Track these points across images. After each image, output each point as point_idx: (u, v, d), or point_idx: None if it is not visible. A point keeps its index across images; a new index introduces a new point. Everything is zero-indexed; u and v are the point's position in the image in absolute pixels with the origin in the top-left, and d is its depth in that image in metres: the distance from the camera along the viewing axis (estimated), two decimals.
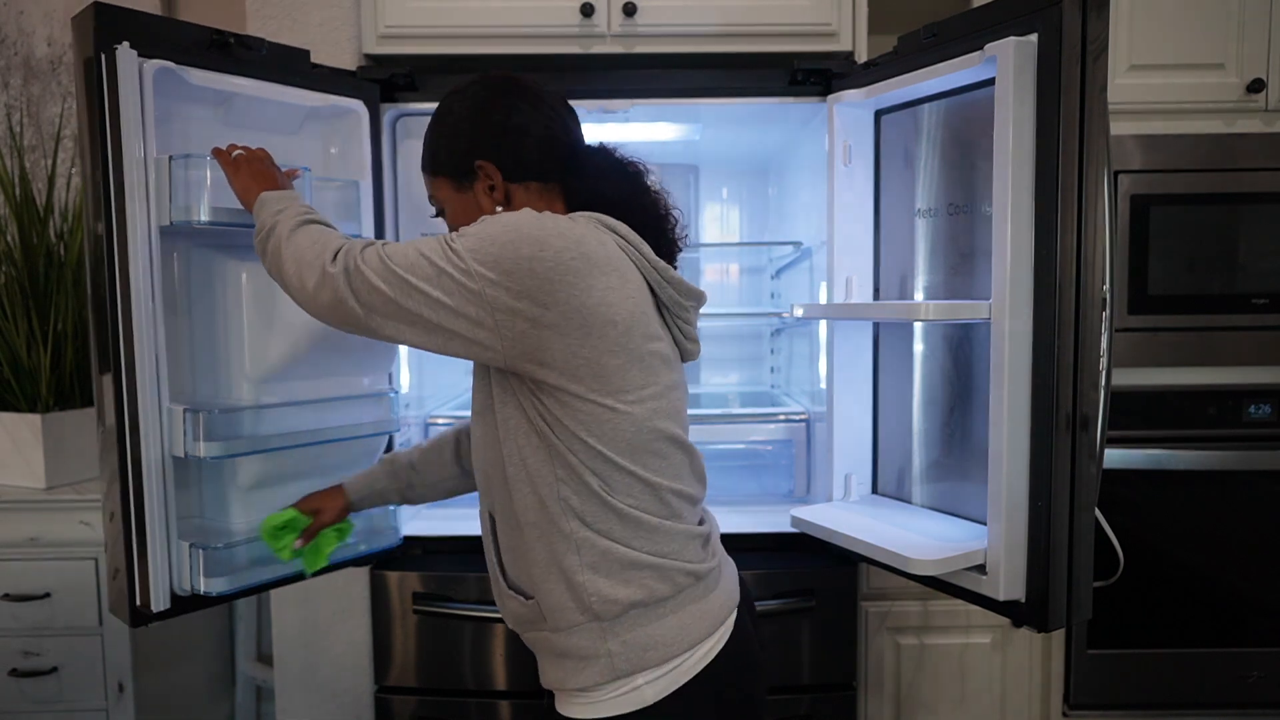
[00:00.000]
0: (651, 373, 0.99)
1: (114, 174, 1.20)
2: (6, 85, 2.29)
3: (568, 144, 1.10)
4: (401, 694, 1.68)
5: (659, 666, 0.96)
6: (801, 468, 1.89)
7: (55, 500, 1.83)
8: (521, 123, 1.06)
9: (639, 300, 0.98)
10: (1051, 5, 1.17)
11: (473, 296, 0.91)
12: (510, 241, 0.91)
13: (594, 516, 0.97)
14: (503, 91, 1.08)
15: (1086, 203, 1.18)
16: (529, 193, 1.08)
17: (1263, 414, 1.89)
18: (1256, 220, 1.85)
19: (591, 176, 1.07)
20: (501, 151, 1.06)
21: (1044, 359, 1.22)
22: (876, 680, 1.84)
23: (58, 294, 1.92)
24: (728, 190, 2.39)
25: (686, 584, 1.00)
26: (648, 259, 1.01)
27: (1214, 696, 1.91)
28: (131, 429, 1.22)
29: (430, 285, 0.92)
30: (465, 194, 1.09)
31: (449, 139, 1.09)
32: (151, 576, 1.24)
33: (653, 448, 0.99)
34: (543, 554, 0.99)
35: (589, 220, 1.00)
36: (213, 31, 1.33)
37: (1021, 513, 1.25)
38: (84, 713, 1.86)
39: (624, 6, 1.72)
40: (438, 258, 0.93)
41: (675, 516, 1.02)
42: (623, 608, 0.96)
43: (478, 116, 1.07)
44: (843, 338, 1.66)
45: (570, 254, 0.92)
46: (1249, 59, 1.83)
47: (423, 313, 0.93)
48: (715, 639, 1.00)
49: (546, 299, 0.91)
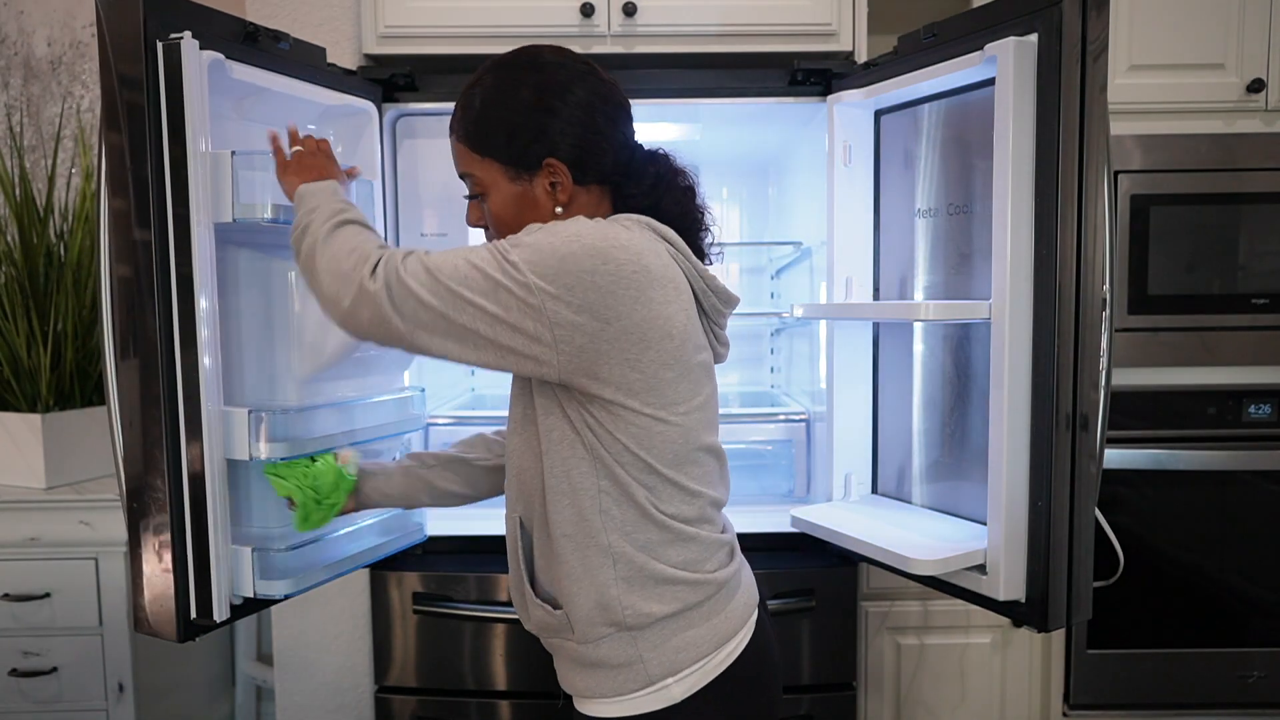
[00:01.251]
0: (698, 384, 0.98)
1: (173, 172, 1.14)
2: (6, 85, 2.29)
3: (633, 147, 1.04)
4: (401, 694, 1.68)
5: (688, 667, 0.96)
6: (801, 468, 1.89)
7: (55, 500, 1.83)
8: (605, 126, 0.99)
9: (690, 311, 0.97)
10: (1051, 5, 1.17)
11: (531, 311, 0.87)
12: (572, 254, 0.87)
13: (634, 528, 0.96)
14: (587, 82, 0.99)
15: (1086, 203, 1.18)
16: (589, 195, 1.02)
17: (1263, 414, 1.89)
18: (1256, 220, 1.85)
19: (649, 184, 1.02)
20: (583, 154, 0.98)
21: (1044, 359, 1.22)
22: (876, 680, 1.84)
23: (58, 294, 1.92)
24: (728, 190, 2.39)
25: (715, 591, 1.00)
26: (695, 268, 0.99)
27: (1214, 696, 1.91)
28: (192, 433, 1.17)
29: (486, 299, 0.87)
30: (520, 185, 1.00)
31: (514, 121, 0.98)
32: (215, 585, 1.19)
33: (694, 457, 0.99)
34: (577, 566, 0.97)
35: (642, 227, 0.96)
36: (245, 23, 1.27)
37: (1021, 513, 1.25)
38: (84, 713, 1.86)
39: (624, 6, 1.72)
40: (493, 269, 0.87)
41: (709, 524, 1.02)
42: (655, 619, 0.96)
43: (562, 108, 0.98)
44: (843, 338, 1.66)
45: (631, 266, 0.88)
46: (1249, 59, 1.83)
47: (477, 328, 0.88)
48: (740, 637, 1.01)
49: (608, 313, 0.88)
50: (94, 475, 1.98)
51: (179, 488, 1.17)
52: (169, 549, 1.17)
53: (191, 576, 1.18)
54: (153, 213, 1.13)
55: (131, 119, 1.12)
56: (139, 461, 1.17)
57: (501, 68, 1.01)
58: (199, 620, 1.20)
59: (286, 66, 1.35)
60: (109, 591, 1.84)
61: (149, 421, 1.16)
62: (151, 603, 1.19)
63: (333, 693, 1.80)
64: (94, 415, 1.98)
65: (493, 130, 0.99)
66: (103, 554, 1.84)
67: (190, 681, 2.12)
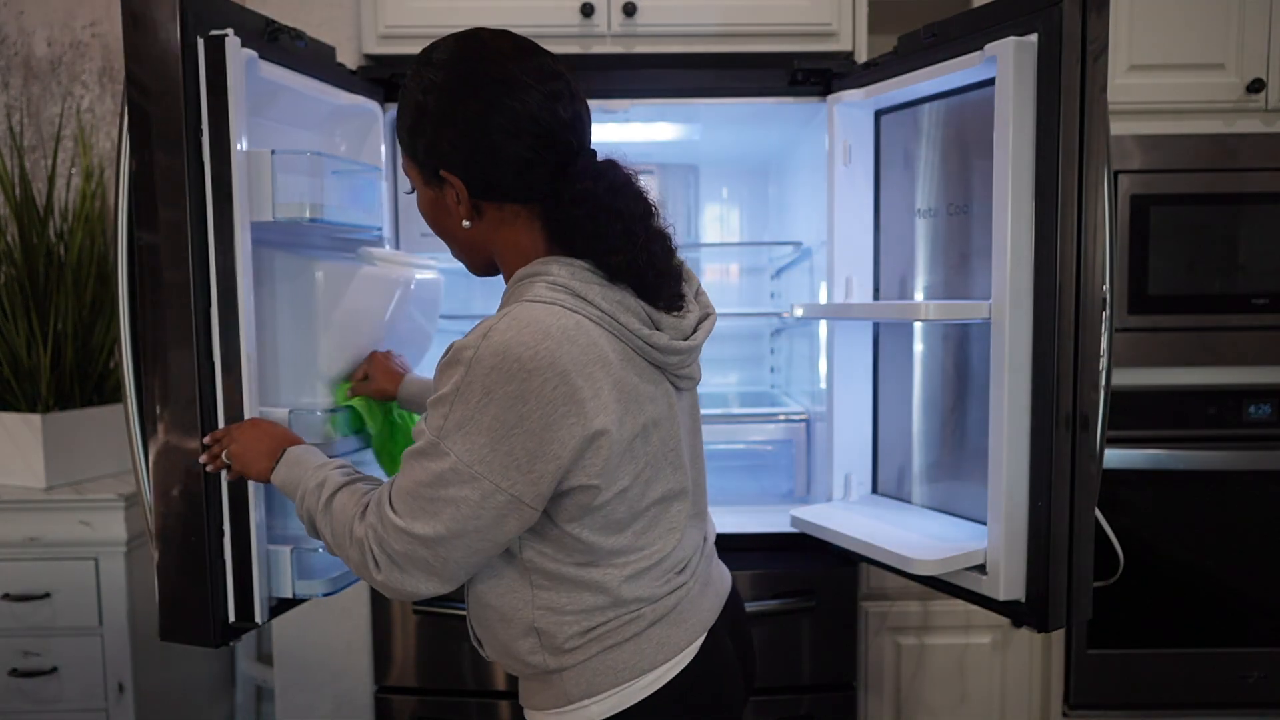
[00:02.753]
0: (643, 447, 0.91)
1: (214, 171, 1.12)
2: (6, 85, 2.29)
3: (555, 163, 0.91)
4: (401, 694, 1.68)
5: (607, 690, 0.94)
6: (801, 468, 1.89)
7: (55, 500, 1.83)
8: (496, 140, 0.89)
9: (622, 383, 0.88)
10: (1051, 5, 1.17)
11: (498, 497, 0.85)
12: (495, 418, 0.82)
13: (566, 597, 0.93)
14: (485, 84, 0.89)
15: (1086, 203, 1.18)
16: (503, 213, 0.94)
17: (1263, 414, 1.89)
18: (1256, 220, 1.85)
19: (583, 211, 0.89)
20: (470, 170, 0.91)
21: (1044, 359, 1.22)
22: (876, 680, 1.84)
23: (58, 294, 1.92)
24: (728, 190, 2.39)
25: (644, 627, 0.95)
26: (629, 329, 0.89)
27: (1214, 696, 1.91)
28: None
29: (468, 523, 0.85)
30: (432, 189, 0.96)
31: (414, 124, 0.94)
32: (256, 586, 1.18)
33: (642, 516, 0.94)
34: (504, 633, 0.96)
35: (556, 299, 0.87)
36: (269, 20, 1.26)
37: (1021, 513, 1.25)
38: (84, 713, 1.86)
39: (624, 6, 1.72)
40: (442, 488, 0.85)
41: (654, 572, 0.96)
42: (578, 658, 0.94)
43: (445, 115, 0.90)
44: (843, 338, 1.66)
45: (552, 384, 0.82)
46: (1249, 59, 1.83)
47: (482, 546, 0.88)
48: (673, 664, 0.96)
49: (555, 447, 0.84)
50: (94, 475, 1.98)
51: (218, 490, 1.16)
52: (205, 552, 1.15)
53: (230, 579, 1.18)
54: (189, 211, 1.11)
55: (165, 117, 1.10)
56: (168, 463, 1.15)
57: (422, 59, 0.95)
58: (238, 623, 1.19)
59: (304, 65, 1.34)
60: (109, 591, 1.84)
61: (183, 423, 1.14)
62: (180, 608, 1.17)
63: (333, 693, 1.80)
64: (94, 415, 1.98)
65: (402, 127, 0.96)
66: (103, 554, 1.84)
67: (190, 681, 2.12)
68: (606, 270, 0.90)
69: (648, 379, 0.91)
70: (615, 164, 0.94)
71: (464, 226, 0.95)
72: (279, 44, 1.27)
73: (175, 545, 1.16)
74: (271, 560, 1.22)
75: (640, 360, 0.91)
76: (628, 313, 0.89)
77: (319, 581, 1.25)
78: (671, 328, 0.94)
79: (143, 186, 1.12)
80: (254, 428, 1.12)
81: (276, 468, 1.06)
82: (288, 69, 1.29)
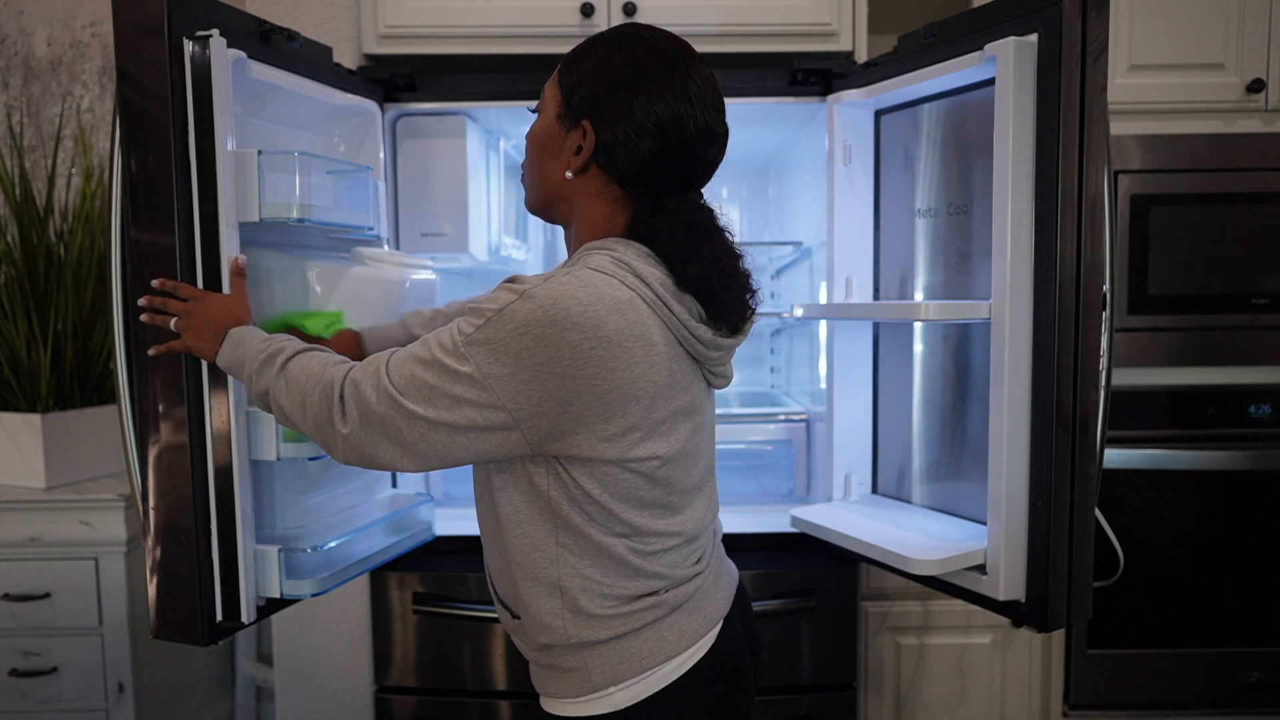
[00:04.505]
0: (674, 429, 0.95)
1: (200, 171, 1.13)
2: (6, 85, 2.29)
3: (673, 179, 0.96)
4: (401, 694, 1.68)
5: (633, 677, 0.96)
6: (801, 468, 1.89)
7: (55, 500, 1.83)
8: (649, 130, 0.93)
9: (663, 365, 0.92)
10: (1051, 5, 1.17)
11: (495, 412, 0.88)
12: (525, 349, 0.85)
13: (589, 567, 0.95)
14: (674, 87, 0.94)
15: (1086, 203, 1.18)
16: (606, 187, 0.97)
17: (1263, 414, 1.89)
18: (1256, 220, 1.85)
19: (674, 221, 0.95)
20: (609, 134, 0.95)
21: (1044, 359, 1.22)
22: (876, 680, 1.84)
23: (58, 294, 1.92)
24: (728, 190, 2.39)
25: (666, 612, 0.98)
26: (678, 318, 0.93)
27: (1214, 696, 1.91)
28: (219, 433, 1.16)
29: (450, 412, 0.88)
30: (561, 125, 0.98)
31: (590, 73, 0.97)
32: (242, 586, 1.19)
33: (662, 497, 0.97)
34: (526, 593, 0.98)
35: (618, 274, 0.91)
36: (260, 21, 1.26)
37: (1021, 513, 1.25)
38: (84, 713, 1.86)
39: (624, 7, 1.72)
40: (449, 383, 0.88)
41: (673, 553, 1.00)
42: (600, 641, 0.97)
43: (625, 83, 0.94)
44: (843, 338, 1.66)
45: (589, 343, 0.86)
46: (1249, 59, 1.83)
47: (458, 447, 0.90)
48: (693, 651, 0.99)
49: (569, 394, 0.87)
50: (94, 475, 1.98)
51: (205, 489, 1.16)
52: (193, 551, 1.15)
53: (218, 579, 1.18)
54: (177, 212, 1.12)
55: (154, 117, 1.11)
56: (159, 463, 1.16)
57: (633, 31, 0.99)
58: (225, 623, 1.19)
59: (298, 66, 1.34)
60: (109, 591, 1.84)
61: (173, 422, 1.15)
62: (171, 607, 1.17)
63: (333, 692, 1.80)
64: (94, 415, 1.98)
65: (578, 67, 0.98)
66: (103, 554, 1.84)
67: (190, 681, 2.12)
68: (677, 277, 0.93)
69: (686, 369, 0.96)
70: (713, 211, 1.00)
71: (564, 175, 0.98)
72: (271, 44, 1.27)
73: (166, 544, 1.17)
74: (259, 560, 1.23)
75: (681, 349, 0.95)
76: (680, 304, 0.93)
77: (307, 582, 1.25)
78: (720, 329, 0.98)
79: (134, 187, 1.13)
80: (203, 310, 1.12)
81: (221, 349, 1.09)
82: (280, 69, 1.29)
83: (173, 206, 1.12)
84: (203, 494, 1.16)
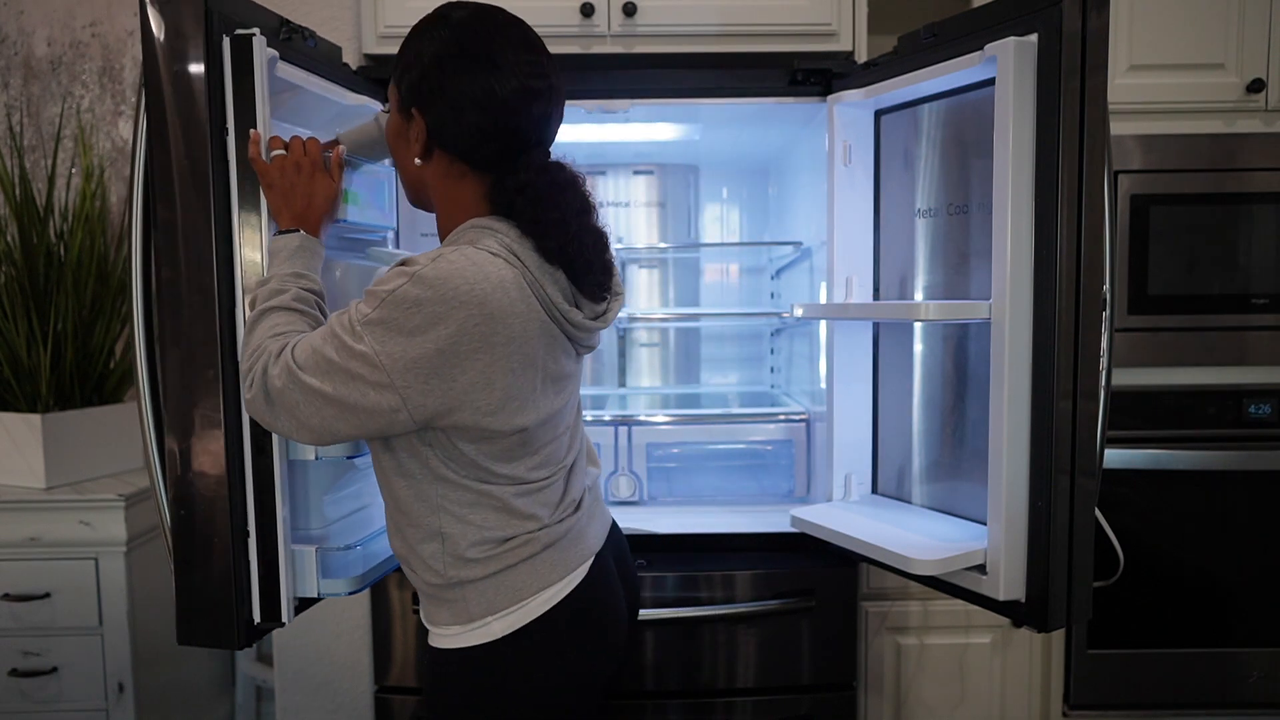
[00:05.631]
0: (543, 402, 1.03)
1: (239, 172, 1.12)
2: (6, 85, 2.29)
3: (507, 146, 1.02)
4: (401, 694, 1.68)
5: (507, 608, 1.04)
6: (801, 468, 1.89)
7: (55, 500, 1.83)
8: (465, 104, 0.99)
9: (539, 340, 1.00)
10: (1051, 5, 1.17)
11: (385, 390, 0.94)
12: (416, 327, 0.92)
13: (468, 509, 1.03)
14: (477, 56, 1.00)
15: (1086, 203, 1.18)
16: (452, 167, 1.04)
17: (1263, 414, 1.89)
18: (1256, 220, 1.85)
19: (523, 197, 1.01)
20: (434, 118, 1.02)
21: (1044, 359, 1.22)
22: (876, 680, 1.84)
23: (58, 294, 1.92)
24: (728, 190, 2.39)
25: (539, 549, 1.05)
26: (551, 300, 1.00)
27: (1214, 696, 1.91)
28: (262, 435, 1.15)
29: (344, 387, 0.95)
30: (401, 121, 1.07)
31: (408, 62, 1.04)
32: (283, 587, 1.18)
33: (531, 452, 1.05)
34: (410, 535, 1.06)
35: (502, 254, 0.98)
36: (283, 19, 1.25)
37: (1021, 513, 1.25)
38: (84, 713, 1.86)
39: (624, 6, 1.72)
40: (346, 360, 0.94)
41: (544, 490, 1.07)
42: (480, 577, 1.04)
43: (434, 66, 1.01)
44: (843, 338, 1.66)
45: (474, 319, 0.93)
46: (1249, 59, 1.83)
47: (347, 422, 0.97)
48: (564, 583, 1.07)
49: (455, 370, 0.94)
50: (94, 475, 1.98)
51: (242, 490, 1.15)
52: (229, 554, 1.14)
53: (256, 580, 1.17)
54: (214, 212, 1.11)
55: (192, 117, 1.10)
56: (193, 465, 1.14)
57: (441, 13, 1.05)
58: (263, 624, 1.19)
59: (316, 65, 1.34)
60: (109, 591, 1.84)
61: (209, 423, 1.13)
62: (199, 610, 1.16)
63: (333, 693, 1.80)
64: (94, 415, 1.99)
65: (401, 60, 1.06)
66: (103, 554, 1.84)
67: (190, 681, 2.12)
68: (542, 252, 1.01)
69: (558, 342, 1.04)
70: (562, 165, 1.06)
71: (415, 163, 1.06)
72: (292, 44, 1.26)
73: (195, 547, 1.15)
74: (296, 559, 1.22)
75: (553, 325, 1.02)
76: (554, 285, 1.01)
77: (343, 580, 1.26)
78: (589, 308, 1.07)
79: (165, 188, 1.11)
80: (308, 185, 1.15)
81: (283, 235, 1.14)
82: (301, 69, 1.28)
83: (210, 209, 1.10)
84: (240, 495, 1.15)
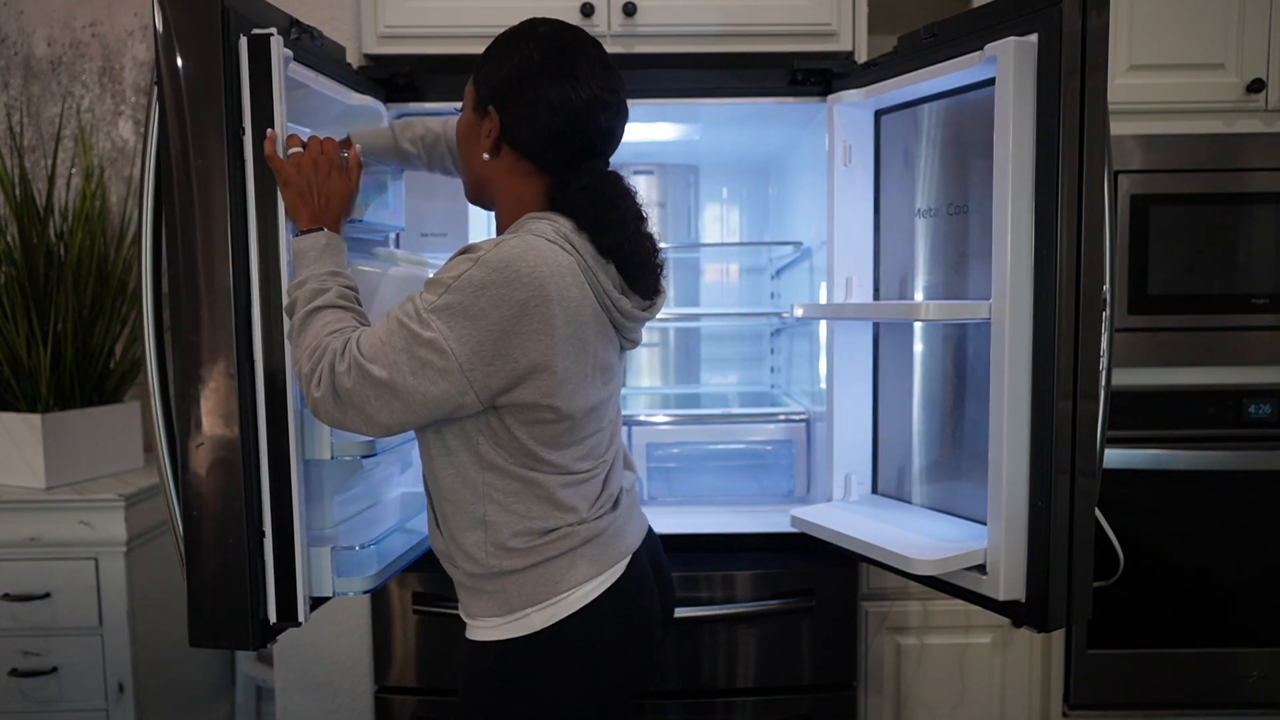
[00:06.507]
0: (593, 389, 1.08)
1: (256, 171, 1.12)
2: (6, 85, 2.29)
3: (575, 150, 1.09)
4: (401, 694, 1.68)
5: (546, 600, 1.07)
6: (801, 468, 1.89)
7: (55, 500, 1.84)
8: (541, 108, 1.06)
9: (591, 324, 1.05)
10: (1051, 5, 1.17)
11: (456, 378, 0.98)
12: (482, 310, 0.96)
13: (513, 497, 1.06)
14: (559, 66, 1.07)
15: (1086, 203, 1.18)
16: (518, 165, 1.10)
17: (1263, 414, 1.89)
18: (1256, 220, 1.85)
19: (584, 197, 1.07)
20: (509, 116, 1.08)
21: (1044, 359, 1.22)
22: (876, 680, 1.84)
23: (58, 294, 1.92)
24: (728, 190, 2.39)
25: (579, 543, 1.09)
26: (604, 288, 1.06)
27: (1214, 696, 1.91)
28: (278, 435, 1.15)
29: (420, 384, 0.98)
30: (475, 115, 1.12)
31: (494, 63, 1.10)
32: (300, 586, 1.18)
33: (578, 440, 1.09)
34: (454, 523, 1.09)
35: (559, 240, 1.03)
36: (292, 19, 1.24)
37: (1021, 513, 1.25)
38: (84, 713, 1.86)
39: (624, 6, 1.72)
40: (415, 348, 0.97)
41: (588, 482, 1.11)
42: (521, 567, 1.07)
43: (517, 71, 1.08)
44: (843, 338, 1.66)
45: (535, 300, 0.97)
46: (1249, 59, 1.83)
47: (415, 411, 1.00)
48: (603, 579, 1.10)
49: (517, 350, 0.98)
50: (94, 475, 1.98)
51: (258, 490, 1.15)
52: (244, 554, 1.14)
53: (271, 580, 1.17)
54: (231, 212, 1.10)
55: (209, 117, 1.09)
56: (207, 465, 1.14)
57: (529, 26, 1.11)
58: (279, 623, 1.19)
59: (323, 64, 1.34)
60: (109, 591, 1.84)
61: (224, 422, 1.13)
62: (212, 611, 1.15)
63: (333, 693, 1.80)
64: (94, 415, 1.99)
65: (484, 64, 1.12)
66: (103, 554, 1.84)
67: (190, 681, 2.13)
68: (597, 245, 1.06)
69: (606, 331, 1.10)
70: (620, 176, 1.12)
71: (483, 158, 1.12)
72: (300, 44, 1.26)
73: (209, 548, 1.14)
74: (312, 559, 1.22)
75: (604, 315, 1.08)
76: (605, 275, 1.07)
77: (358, 579, 1.26)
78: (636, 300, 1.12)
79: (181, 188, 1.11)
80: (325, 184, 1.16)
81: (305, 234, 1.14)
82: (310, 68, 1.28)
83: (227, 208, 1.10)
84: (255, 495, 1.15)
